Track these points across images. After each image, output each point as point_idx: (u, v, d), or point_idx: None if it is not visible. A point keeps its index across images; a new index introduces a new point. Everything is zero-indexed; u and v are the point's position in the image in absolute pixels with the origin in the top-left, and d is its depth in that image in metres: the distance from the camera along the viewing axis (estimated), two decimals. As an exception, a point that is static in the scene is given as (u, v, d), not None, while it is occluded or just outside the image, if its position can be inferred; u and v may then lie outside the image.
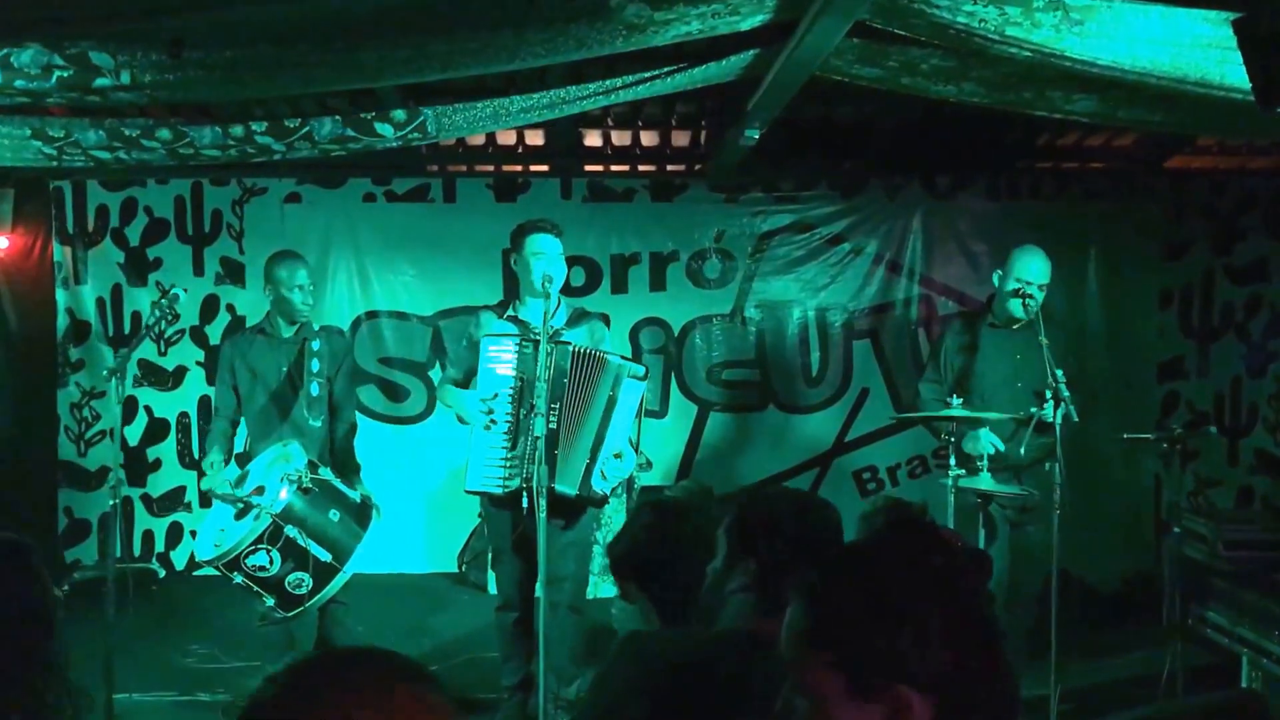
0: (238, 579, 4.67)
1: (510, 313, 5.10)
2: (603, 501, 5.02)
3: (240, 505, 4.76)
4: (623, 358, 4.96)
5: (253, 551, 4.59)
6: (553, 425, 4.64)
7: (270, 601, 4.73)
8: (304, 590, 4.67)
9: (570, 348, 4.72)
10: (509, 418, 4.77)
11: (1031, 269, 5.40)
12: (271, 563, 4.61)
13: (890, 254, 8.07)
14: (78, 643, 6.23)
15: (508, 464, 4.75)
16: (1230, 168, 8.04)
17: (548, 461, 4.45)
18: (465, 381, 5.07)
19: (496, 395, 4.78)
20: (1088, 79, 4.45)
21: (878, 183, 8.05)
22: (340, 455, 5.35)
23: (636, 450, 5.05)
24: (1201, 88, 3.97)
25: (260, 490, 4.75)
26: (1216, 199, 8.04)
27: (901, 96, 5.46)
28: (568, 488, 4.71)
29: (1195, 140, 7.64)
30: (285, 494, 4.62)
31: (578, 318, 5.11)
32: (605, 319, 5.28)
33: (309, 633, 5.26)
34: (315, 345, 5.21)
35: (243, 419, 5.42)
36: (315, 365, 5.14)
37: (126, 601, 5.25)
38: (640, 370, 4.93)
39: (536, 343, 4.61)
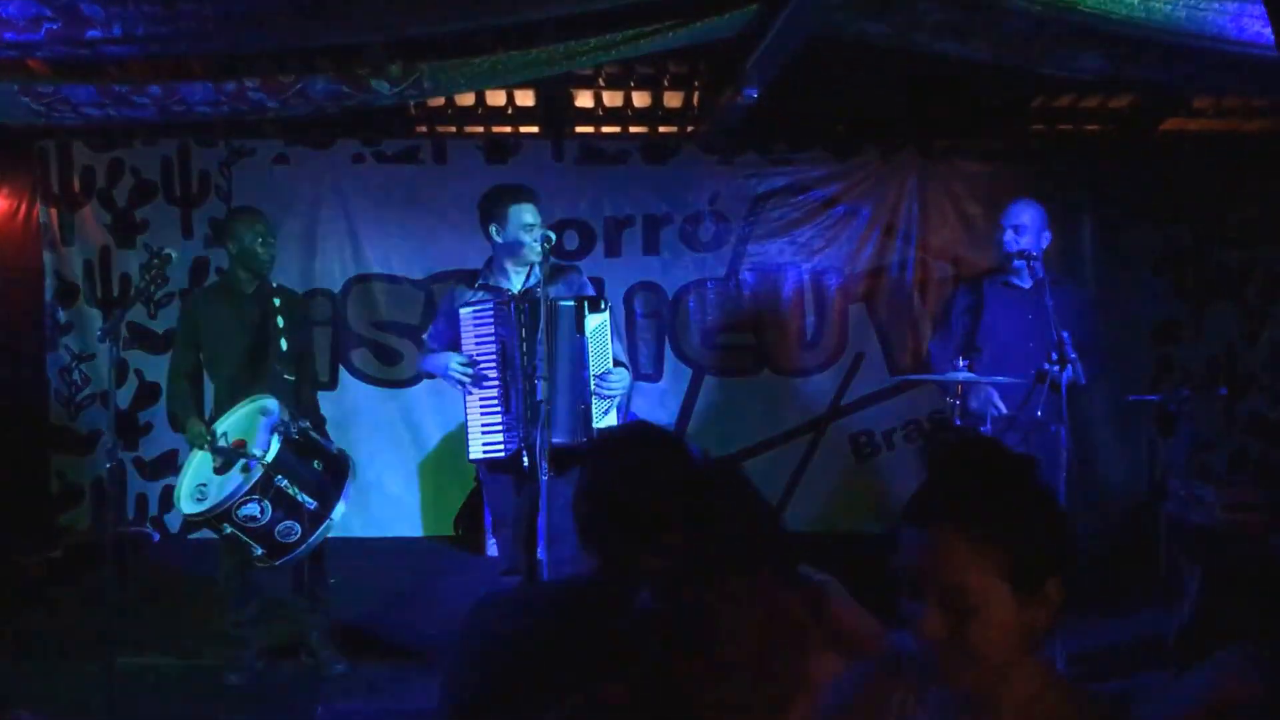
0: (227, 530, 4.76)
1: (482, 281, 5.09)
2: None
3: (225, 458, 4.85)
4: (579, 298, 4.94)
5: (245, 502, 4.67)
6: (538, 381, 4.65)
7: (259, 551, 4.80)
8: (293, 539, 4.78)
9: (541, 301, 4.68)
10: (498, 382, 4.79)
11: (1013, 212, 5.50)
12: (263, 513, 4.71)
13: (886, 217, 8.00)
14: (76, 607, 6.23)
15: (504, 428, 4.76)
16: (1225, 130, 8.00)
17: (539, 417, 4.50)
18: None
19: (480, 361, 4.81)
20: (1096, 35, 4.39)
21: (873, 145, 7.98)
22: (309, 410, 5.39)
23: (627, 367, 5.04)
24: (1217, 43, 3.91)
25: (242, 443, 4.84)
26: (1212, 161, 7.99)
27: (900, 55, 5.39)
28: (561, 437, 4.70)
29: (1191, 103, 7.59)
30: (275, 445, 4.71)
31: (553, 274, 5.07)
32: (579, 270, 5.28)
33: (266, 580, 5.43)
34: (277, 302, 5.23)
35: (207, 376, 5.43)
36: (281, 321, 5.16)
37: (124, 566, 5.21)
38: (599, 299, 4.98)
39: (510, 303, 4.70)
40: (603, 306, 4.94)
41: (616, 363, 4.97)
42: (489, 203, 5.09)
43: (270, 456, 4.68)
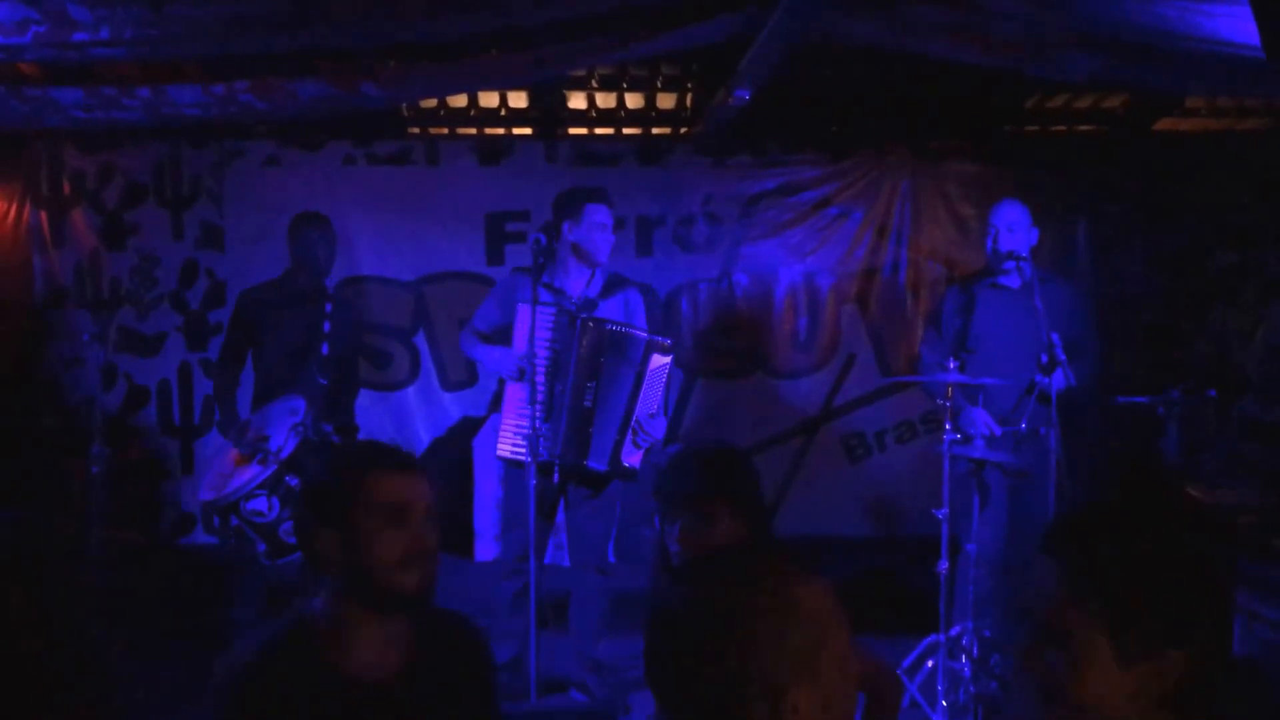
0: (234, 522, 4.84)
1: (547, 279, 5.09)
2: (631, 475, 5.06)
3: (247, 451, 4.95)
4: (649, 333, 4.99)
5: (254, 496, 4.76)
6: (588, 404, 4.72)
7: (262, 547, 4.86)
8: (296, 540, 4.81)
9: (606, 326, 4.75)
10: (544, 388, 4.81)
11: (998, 212, 5.53)
12: (270, 509, 4.78)
13: (878, 218, 7.97)
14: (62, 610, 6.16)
15: (540, 435, 4.77)
16: (1219, 129, 7.99)
17: (581, 439, 4.58)
18: (492, 339, 5.20)
19: (533, 364, 4.80)
20: (1089, 38, 4.38)
21: (866, 146, 7.96)
22: (342, 416, 5.44)
23: (666, 415, 5.15)
24: (1208, 44, 3.90)
25: (265, 439, 4.93)
26: (1206, 161, 7.97)
27: (893, 57, 5.39)
28: (599, 463, 4.80)
29: (1184, 102, 7.58)
30: (291, 443, 4.80)
31: (613, 286, 5.12)
32: (641, 286, 5.34)
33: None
34: (329, 308, 5.31)
35: (252, 367, 5.58)
36: (327, 326, 5.24)
37: (111, 570, 5.22)
38: (667, 342, 5.04)
39: (572, 316, 4.75)
40: (668, 346, 4.99)
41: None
42: (564, 199, 5.17)
43: (284, 454, 4.76)
